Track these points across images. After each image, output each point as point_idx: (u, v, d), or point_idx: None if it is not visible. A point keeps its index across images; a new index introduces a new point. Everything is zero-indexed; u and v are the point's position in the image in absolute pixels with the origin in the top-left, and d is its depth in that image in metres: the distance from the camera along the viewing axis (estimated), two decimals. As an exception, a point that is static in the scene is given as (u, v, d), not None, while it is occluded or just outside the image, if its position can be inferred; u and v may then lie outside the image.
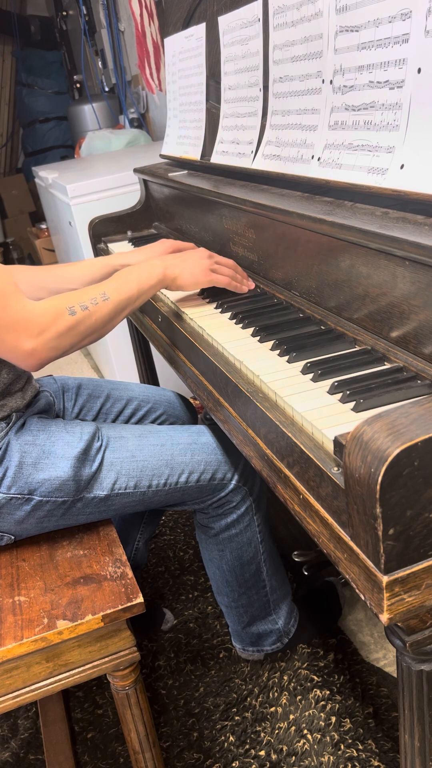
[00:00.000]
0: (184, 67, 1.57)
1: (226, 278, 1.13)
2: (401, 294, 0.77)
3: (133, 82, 3.51)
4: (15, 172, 5.60)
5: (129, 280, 1.03)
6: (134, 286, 1.03)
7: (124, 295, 1.01)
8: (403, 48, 0.79)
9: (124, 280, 1.03)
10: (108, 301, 0.99)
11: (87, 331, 0.97)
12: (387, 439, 0.54)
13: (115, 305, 1.00)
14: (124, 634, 0.95)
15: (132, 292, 1.03)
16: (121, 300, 1.01)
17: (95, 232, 1.80)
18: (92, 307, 0.97)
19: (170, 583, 1.65)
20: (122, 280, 1.03)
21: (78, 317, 0.95)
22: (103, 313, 0.98)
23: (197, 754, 1.23)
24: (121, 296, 1.01)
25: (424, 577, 0.58)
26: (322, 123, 0.99)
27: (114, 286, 1.01)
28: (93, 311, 0.97)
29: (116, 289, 1.01)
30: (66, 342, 0.95)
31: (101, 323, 0.99)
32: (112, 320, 1.01)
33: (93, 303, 0.97)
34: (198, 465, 1.10)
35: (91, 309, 0.97)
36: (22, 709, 1.39)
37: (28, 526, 1.03)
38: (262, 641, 1.34)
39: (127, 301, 1.02)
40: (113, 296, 1.00)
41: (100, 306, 0.98)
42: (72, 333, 0.95)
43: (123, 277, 1.04)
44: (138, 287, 1.04)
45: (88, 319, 0.96)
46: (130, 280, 1.04)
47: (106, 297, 0.99)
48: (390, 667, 1.34)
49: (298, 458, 0.71)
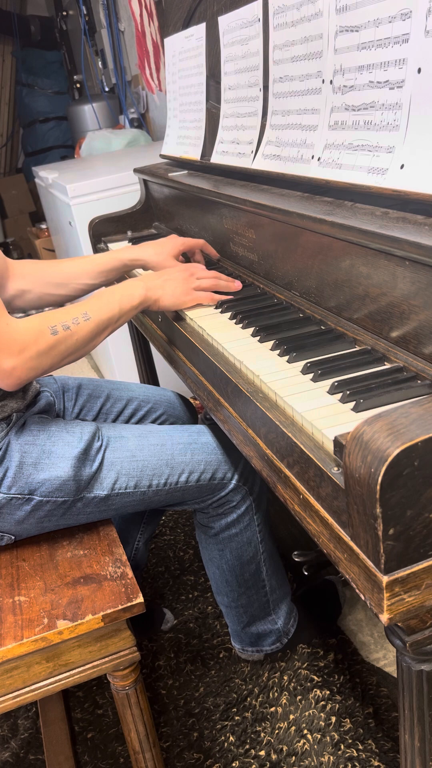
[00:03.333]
0: (184, 67, 1.57)
1: (207, 294, 1.13)
2: (401, 294, 0.77)
3: (133, 82, 3.51)
4: (15, 172, 5.60)
5: (111, 301, 1.03)
6: (116, 306, 1.03)
7: (105, 316, 1.01)
8: (403, 48, 0.79)
9: (106, 300, 1.03)
10: (89, 321, 0.99)
11: (67, 351, 0.97)
12: (387, 439, 0.54)
13: (97, 325, 1.00)
14: (124, 634, 0.95)
15: (113, 313, 1.02)
16: (103, 320, 1.01)
17: (95, 232, 1.80)
18: (73, 326, 0.97)
19: (170, 583, 1.65)
20: (104, 301, 1.03)
21: (59, 337, 0.95)
22: (83, 333, 0.98)
23: (197, 754, 1.24)
24: (103, 317, 1.01)
25: (424, 577, 0.59)
26: (322, 123, 0.99)
27: (96, 306, 1.01)
28: (74, 331, 0.97)
29: (98, 308, 1.01)
30: (46, 362, 0.94)
31: (82, 343, 0.98)
32: (93, 340, 1.00)
33: (74, 323, 0.97)
34: (198, 465, 1.10)
35: (72, 329, 0.96)
36: (22, 709, 1.39)
37: (28, 526, 1.03)
38: (261, 641, 1.34)
39: (107, 322, 1.02)
40: (95, 316, 1.00)
41: (82, 326, 0.98)
42: (53, 353, 0.95)
43: (105, 298, 1.04)
44: (119, 308, 1.03)
45: (69, 338, 0.96)
46: (112, 300, 1.03)
47: (88, 317, 0.99)
48: (390, 667, 1.34)
49: (298, 458, 0.71)
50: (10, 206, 5.21)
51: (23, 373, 0.93)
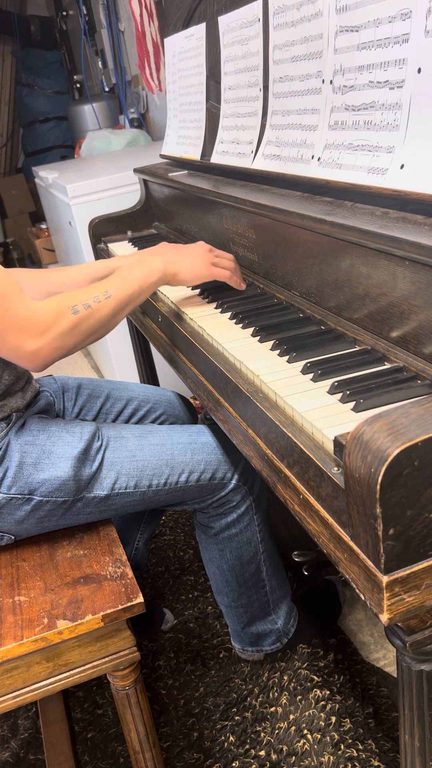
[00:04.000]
0: (184, 67, 1.57)
1: (227, 272, 1.13)
2: (401, 294, 0.77)
3: (133, 82, 3.51)
4: (15, 172, 5.60)
5: (130, 278, 1.03)
6: (135, 283, 1.03)
7: (125, 293, 1.01)
8: (403, 48, 0.79)
9: (126, 277, 1.03)
10: (110, 298, 0.99)
11: (90, 330, 0.97)
12: (387, 439, 0.54)
13: (118, 302, 1.00)
14: (124, 634, 0.95)
15: (134, 289, 1.03)
16: (123, 297, 1.01)
17: (95, 232, 1.80)
18: (95, 305, 0.97)
19: (170, 583, 1.65)
20: (123, 278, 1.03)
21: (81, 316, 0.95)
22: (105, 311, 0.98)
23: (197, 754, 1.23)
24: (123, 293, 1.01)
25: (424, 577, 0.59)
26: (322, 123, 0.99)
27: (116, 284, 1.01)
28: (96, 309, 0.97)
29: (118, 286, 1.01)
30: (69, 341, 0.95)
31: (104, 321, 0.99)
32: (114, 318, 1.01)
33: (96, 301, 0.97)
34: (198, 464, 1.10)
35: (93, 307, 0.97)
36: (22, 709, 1.39)
37: (28, 526, 1.03)
38: (261, 641, 1.34)
39: (128, 299, 1.02)
40: (115, 293, 1.00)
41: (103, 304, 0.98)
42: (75, 332, 0.95)
43: (124, 275, 1.04)
44: (139, 284, 1.04)
45: (91, 317, 0.96)
46: (132, 277, 1.04)
47: (108, 295, 0.99)
48: (390, 667, 1.34)
49: (298, 458, 0.71)
50: (10, 206, 5.21)
51: (48, 353, 0.93)
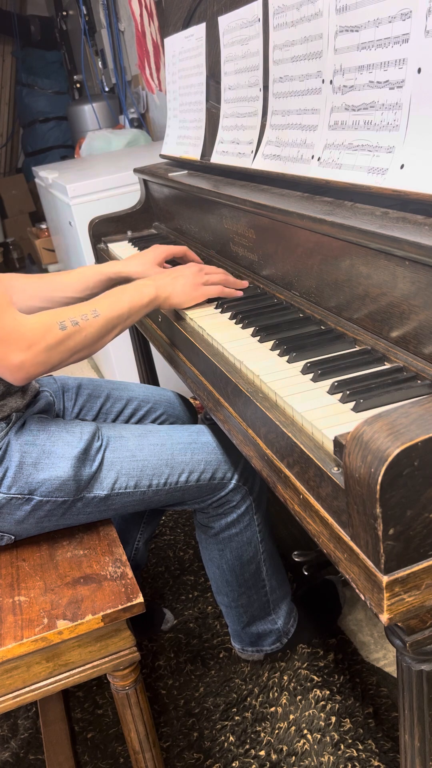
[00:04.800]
0: (184, 67, 1.57)
1: (217, 288, 1.13)
2: (401, 294, 0.77)
3: (133, 82, 3.51)
4: (15, 172, 5.60)
5: (121, 299, 1.03)
6: (126, 305, 1.03)
7: (115, 313, 1.01)
8: (403, 48, 0.79)
9: (116, 298, 1.03)
10: (99, 317, 0.98)
11: (76, 347, 0.97)
12: (387, 439, 0.54)
13: (106, 322, 1.00)
14: (124, 634, 0.95)
15: (123, 311, 1.02)
16: (112, 317, 1.00)
17: (95, 232, 1.80)
18: (83, 322, 0.96)
19: (170, 583, 1.65)
20: (114, 298, 1.03)
21: (68, 332, 0.95)
22: (93, 330, 0.98)
23: (197, 754, 1.24)
24: (112, 314, 1.00)
25: (424, 577, 0.59)
26: (322, 123, 0.99)
27: (106, 304, 1.01)
28: (83, 327, 0.96)
29: (108, 306, 1.01)
30: (55, 357, 0.94)
31: (91, 340, 0.98)
32: (102, 338, 1.00)
33: (84, 319, 0.97)
34: (198, 464, 1.10)
35: (81, 324, 0.96)
36: (22, 709, 1.39)
37: (28, 526, 1.03)
38: (261, 641, 1.34)
39: (117, 319, 1.01)
40: (104, 313, 0.99)
41: (91, 322, 0.97)
42: (61, 348, 0.94)
43: (115, 296, 1.04)
44: (129, 306, 1.03)
45: (78, 334, 0.96)
46: (122, 299, 1.03)
47: (97, 314, 0.98)
48: (390, 667, 1.34)
49: (298, 458, 0.71)
50: (10, 206, 5.21)
51: (32, 367, 0.93)
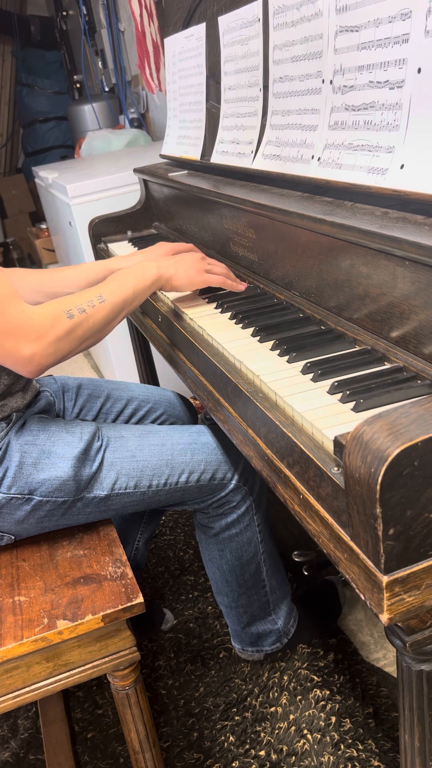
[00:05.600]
0: (184, 67, 1.57)
1: (220, 277, 1.14)
2: (401, 294, 0.77)
3: (133, 82, 3.51)
4: (15, 172, 5.60)
5: (125, 282, 1.03)
6: (130, 287, 1.03)
7: (120, 297, 1.01)
8: (403, 48, 0.79)
9: (120, 282, 1.03)
10: (105, 303, 0.99)
11: (85, 335, 0.97)
12: (387, 439, 0.54)
13: (112, 307, 1.00)
14: (124, 634, 0.95)
15: (128, 294, 1.02)
16: (118, 302, 1.01)
17: (95, 232, 1.80)
18: (90, 309, 0.97)
19: (170, 583, 1.65)
20: (118, 282, 1.03)
21: (76, 321, 0.95)
22: (100, 316, 0.98)
23: (197, 754, 1.24)
24: (118, 298, 1.01)
25: (424, 577, 0.59)
26: (322, 123, 0.99)
27: (110, 289, 1.01)
28: (90, 314, 0.97)
29: (113, 291, 1.01)
30: (65, 346, 0.94)
31: (99, 326, 0.99)
32: (110, 323, 1.01)
33: (90, 306, 0.97)
34: (198, 465, 1.10)
35: (88, 312, 0.96)
36: (22, 709, 1.39)
37: (28, 526, 1.03)
38: (261, 641, 1.34)
39: (123, 303, 1.02)
40: (110, 298, 1.00)
41: (98, 308, 0.98)
42: (71, 337, 0.95)
43: (118, 280, 1.04)
44: (134, 289, 1.04)
45: (86, 321, 0.96)
46: (126, 282, 1.03)
47: (103, 299, 0.99)
48: (390, 667, 1.34)
49: (298, 458, 0.71)
50: (10, 206, 5.21)
51: (43, 359, 0.92)
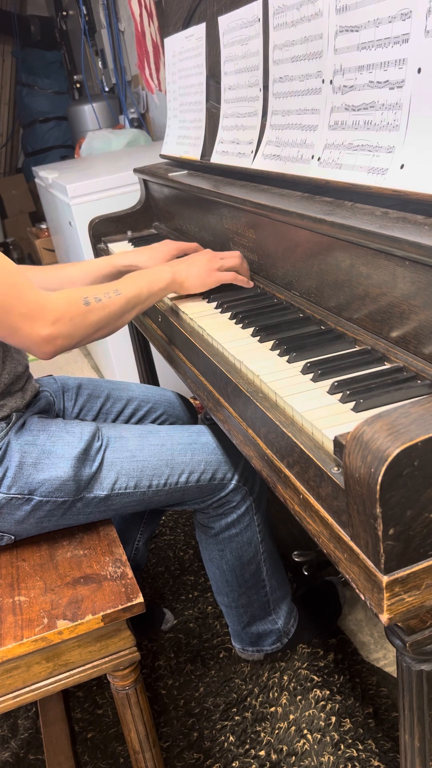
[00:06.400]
0: (184, 67, 1.57)
1: (231, 274, 1.16)
2: (401, 294, 0.77)
3: (133, 82, 3.51)
4: (15, 172, 5.60)
5: (140, 281, 1.07)
6: (145, 286, 1.07)
7: (134, 292, 1.05)
8: (403, 48, 0.79)
9: (135, 280, 1.07)
10: (120, 296, 1.03)
11: (99, 323, 1.00)
12: (387, 439, 0.54)
13: (126, 301, 1.03)
14: (124, 634, 0.95)
15: (142, 291, 1.06)
16: (132, 297, 1.04)
17: (95, 232, 1.80)
18: (106, 299, 1.01)
19: (170, 583, 1.65)
20: (133, 280, 1.07)
21: (91, 307, 0.98)
22: (115, 307, 1.02)
23: (197, 754, 1.24)
24: (132, 293, 1.04)
25: (424, 577, 0.59)
26: (322, 123, 0.99)
27: (126, 285, 1.05)
28: (106, 304, 1.00)
29: (128, 287, 1.05)
30: (80, 331, 0.97)
31: (113, 317, 1.02)
32: (123, 316, 1.04)
33: (106, 296, 1.01)
34: (198, 465, 1.10)
35: (104, 301, 1.00)
36: (22, 709, 1.39)
37: (28, 526, 1.03)
38: (261, 641, 1.34)
39: (137, 299, 1.05)
40: (125, 292, 1.03)
41: (113, 300, 1.01)
42: (86, 322, 0.98)
43: (134, 278, 1.08)
44: (148, 288, 1.07)
45: (101, 310, 1.00)
46: (141, 281, 1.07)
47: (119, 292, 1.03)
48: (390, 667, 1.34)
49: (298, 458, 0.71)
50: (10, 206, 5.21)
51: (59, 340, 0.95)
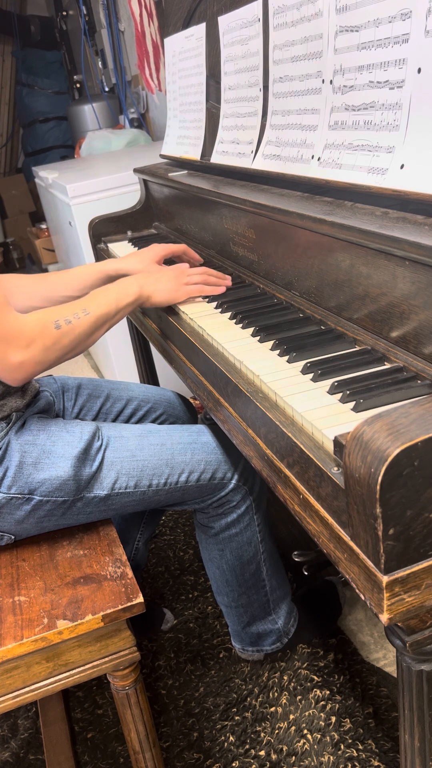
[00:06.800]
0: (184, 67, 1.57)
1: (197, 287, 1.17)
2: (401, 294, 0.77)
3: (133, 82, 3.51)
4: (15, 172, 5.60)
5: (107, 297, 1.08)
6: (112, 302, 1.08)
7: (102, 311, 1.05)
8: (403, 48, 0.79)
9: (103, 297, 1.08)
10: (89, 315, 1.03)
11: (70, 345, 1.01)
12: (387, 439, 0.54)
13: (95, 320, 1.04)
14: (124, 634, 0.95)
15: (110, 308, 1.07)
16: (100, 315, 1.05)
17: (95, 232, 1.80)
18: (75, 321, 1.01)
19: (170, 583, 1.65)
20: (101, 297, 1.07)
21: (62, 331, 0.99)
22: (84, 328, 1.02)
23: (197, 754, 1.24)
24: (100, 311, 1.05)
25: (424, 577, 0.59)
26: (322, 123, 0.99)
27: (94, 303, 1.06)
28: (76, 325, 1.01)
29: (96, 305, 1.05)
30: (51, 355, 0.99)
31: (82, 337, 1.03)
32: (92, 335, 1.05)
33: (75, 317, 1.02)
34: (198, 464, 1.10)
35: (74, 323, 1.01)
36: (22, 709, 1.39)
37: (28, 525, 1.03)
38: (261, 641, 1.34)
39: (105, 317, 1.06)
40: (94, 311, 1.04)
41: (82, 320, 1.02)
42: (57, 347, 0.99)
43: (101, 295, 1.08)
44: (116, 304, 1.08)
45: (71, 332, 1.00)
46: (109, 297, 1.08)
47: (87, 312, 1.03)
48: (390, 667, 1.34)
49: (298, 458, 0.71)
50: (10, 206, 5.21)
51: (31, 366, 0.96)
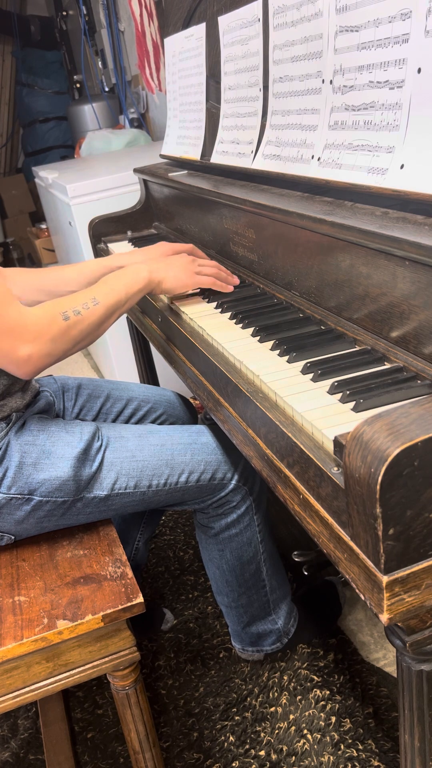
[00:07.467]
0: (184, 67, 1.57)
1: (210, 279, 1.16)
2: (401, 294, 0.77)
3: (133, 82, 3.51)
4: (15, 172, 5.60)
5: (117, 285, 1.06)
6: (122, 290, 1.05)
7: (112, 300, 1.03)
8: (403, 48, 0.79)
9: (112, 284, 1.06)
10: (98, 305, 1.01)
11: (79, 336, 0.99)
12: (387, 439, 0.54)
13: (105, 309, 1.02)
14: (124, 634, 0.95)
15: (120, 296, 1.05)
16: (111, 304, 1.03)
17: (95, 232, 1.80)
18: (84, 311, 0.99)
19: (170, 583, 1.65)
20: (110, 285, 1.05)
21: (71, 322, 0.97)
22: (94, 318, 1.00)
23: (197, 754, 1.24)
24: (110, 300, 1.03)
25: (424, 577, 0.59)
26: (322, 123, 0.99)
27: (104, 291, 1.04)
28: (85, 316, 0.99)
29: (105, 293, 1.03)
30: (60, 347, 0.96)
31: (93, 327, 1.01)
32: (102, 324, 1.03)
33: (85, 308, 0.99)
34: (198, 465, 1.10)
35: (83, 314, 0.99)
36: (22, 709, 1.39)
37: (28, 526, 1.03)
38: (261, 641, 1.34)
39: (115, 305, 1.04)
40: (103, 300, 1.02)
41: (92, 310, 1.00)
42: (66, 338, 0.97)
43: (111, 282, 1.06)
44: (126, 291, 1.06)
45: (80, 323, 0.98)
46: (118, 284, 1.06)
47: (97, 301, 1.01)
48: (390, 667, 1.34)
49: (298, 458, 0.71)
50: (10, 206, 5.21)
51: (39, 360, 0.94)
